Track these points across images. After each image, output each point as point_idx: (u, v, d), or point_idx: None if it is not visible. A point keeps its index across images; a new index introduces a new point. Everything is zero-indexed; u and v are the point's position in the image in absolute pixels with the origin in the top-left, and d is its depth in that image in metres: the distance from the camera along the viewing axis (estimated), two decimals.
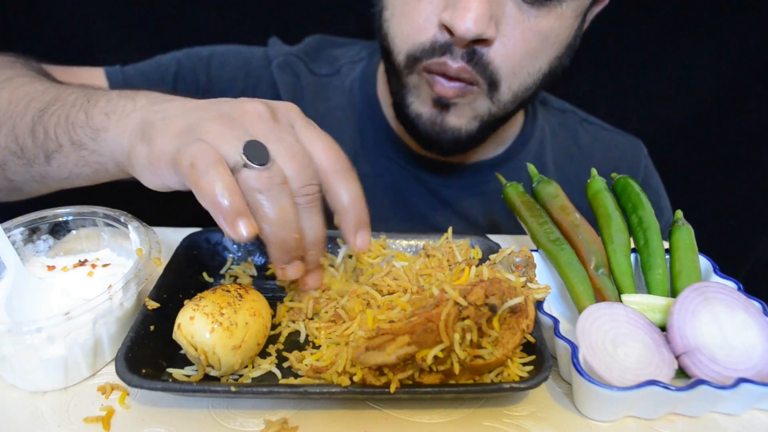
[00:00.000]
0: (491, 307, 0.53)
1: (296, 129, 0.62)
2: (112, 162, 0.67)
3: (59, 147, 0.71)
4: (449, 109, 0.90)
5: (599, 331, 0.58)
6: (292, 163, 0.58)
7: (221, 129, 0.57)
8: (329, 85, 1.14)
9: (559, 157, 1.17)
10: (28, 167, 0.75)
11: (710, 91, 1.50)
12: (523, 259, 0.65)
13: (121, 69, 1.10)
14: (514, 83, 0.88)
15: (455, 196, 1.11)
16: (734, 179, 1.58)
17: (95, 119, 0.68)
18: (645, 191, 0.76)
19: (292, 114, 0.63)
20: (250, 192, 0.56)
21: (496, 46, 0.83)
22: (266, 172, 0.56)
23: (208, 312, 0.56)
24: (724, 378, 0.56)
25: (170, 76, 1.11)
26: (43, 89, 0.78)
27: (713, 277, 0.69)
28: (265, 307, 0.62)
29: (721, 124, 1.53)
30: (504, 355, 0.54)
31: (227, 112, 0.60)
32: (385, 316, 0.60)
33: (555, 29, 0.85)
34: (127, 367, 0.53)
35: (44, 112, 0.73)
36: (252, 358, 0.60)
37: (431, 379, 0.53)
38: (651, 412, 0.56)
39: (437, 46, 0.84)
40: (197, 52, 1.15)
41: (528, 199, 0.77)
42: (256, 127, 0.59)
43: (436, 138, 0.93)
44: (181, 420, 0.55)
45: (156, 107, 0.64)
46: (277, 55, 1.14)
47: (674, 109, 1.54)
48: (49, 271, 0.66)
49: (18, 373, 0.56)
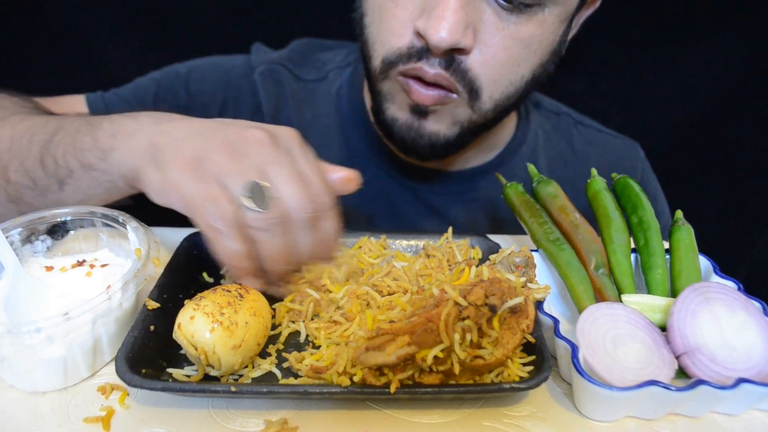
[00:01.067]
0: (491, 308, 0.53)
1: (294, 156, 0.67)
2: (121, 180, 0.71)
3: (70, 173, 0.73)
4: (427, 116, 0.88)
5: (599, 331, 0.58)
6: (292, 183, 0.63)
7: (227, 163, 0.63)
8: (316, 90, 1.12)
9: (553, 162, 1.14)
10: (42, 197, 0.77)
11: (710, 91, 1.50)
12: (523, 259, 0.65)
13: (102, 95, 1.11)
14: (495, 92, 0.86)
15: (445, 204, 1.09)
16: (734, 179, 1.58)
17: (102, 141, 0.71)
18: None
19: (291, 141, 0.68)
20: (251, 229, 0.63)
21: (474, 55, 0.81)
22: (267, 213, 0.62)
23: (209, 312, 0.56)
24: (724, 378, 0.56)
25: (150, 98, 1.11)
26: (42, 122, 0.80)
27: (713, 277, 0.69)
28: (266, 307, 0.62)
29: (721, 125, 1.53)
30: (504, 355, 0.54)
31: (231, 140, 0.65)
32: (385, 317, 0.60)
33: (536, 36, 0.83)
34: (128, 367, 0.53)
35: (50, 142, 0.75)
36: (252, 358, 0.60)
37: (431, 380, 0.53)
38: (651, 413, 0.56)
39: (413, 52, 0.82)
40: (175, 71, 1.14)
41: (528, 199, 0.77)
42: (257, 153, 0.64)
43: (411, 143, 0.91)
44: (181, 420, 0.55)
45: (161, 127, 0.69)
46: (260, 63, 1.13)
47: (674, 109, 1.54)
48: (48, 271, 0.66)
49: (17, 374, 0.56)
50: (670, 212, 1.19)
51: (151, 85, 1.12)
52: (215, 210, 0.61)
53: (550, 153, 1.15)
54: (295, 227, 0.64)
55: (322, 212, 0.65)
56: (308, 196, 0.63)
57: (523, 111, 1.15)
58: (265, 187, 0.62)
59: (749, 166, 1.56)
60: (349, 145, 1.09)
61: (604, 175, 0.80)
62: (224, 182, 0.62)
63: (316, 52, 1.18)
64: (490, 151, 1.11)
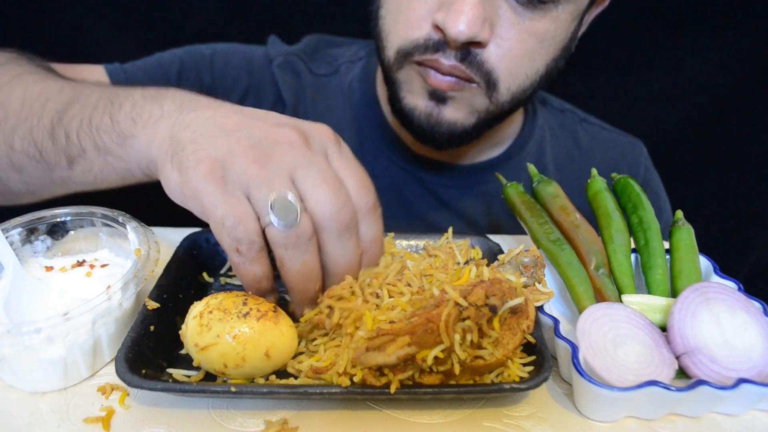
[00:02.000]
0: (492, 308, 0.52)
1: (329, 156, 0.62)
2: (138, 169, 0.67)
3: (83, 152, 0.69)
4: (446, 102, 0.89)
5: (599, 332, 0.58)
6: (324, 188, 0.58)
7: (253, 170, 0.58)
8: (328, 84, 1.14)
9: (559, 158, 1.16)
10: (48, 172, 0.73)
11: (711, 91, 1.50)
12: (531, 259, 0.64)
13: (122, 67, 1.07)
14: (512, 85, 0.88)
15: (455, 197, 1.11)
16: (734, 179, 1.58)
17: (121, 124, 0.66)
18: (645, 193, 0.76)
19: (326, 140, 0.64)
20: (276, 246, 0.59)
21: (490, 48, 0.83)
22: (295, 230, 0.57)
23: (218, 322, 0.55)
24: (725, 378, 0.56)
25: (173, 75, 1.09)
26: (58, 88, 0.75)
27: (713, 278, 0.69)
28: (283, 342, 0.57)
29: (721, 124, 1.53)
30: (504, 355, 0.54)
31: (258, 140, 0.60)
32: (385, 317, 0.60)
33: (550, 31, 0.85)
34: (127, 367, 0.53)
35: (64, 113, 0.70)
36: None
37: (431, 380, 0.53)
38: (651, 413, 0.56)
39: (430, 44, 0.83)
40: (199, 51, 1.13)
41: (528, 199, 0.77)
42: (288, 156, 0.59)
43: (430, 131, 0.93)
44: (181, 420, 0.54)
45: (185, 118, 0.63)
46: (278, 54, 1.13)
47: (674, 109, 1.54)
48: (48, 271, 0.66)
49: (17, 374, 0.56)
50: (671, 212, 1.19)
51: (175, 62, 1.10)
52: (241, 232, 0.57)
53: (556, 149, 1.17)
54: (328, 238, 0.60)
55: (362, 216, 0.62)
56: (343, 201, 0.59)
57: (530, 108, 1.17)
58: (292, 201, 0.57)
59: (750, 166, 1.56)
60: (361, 137, 1.10)
61: (608, 171, 0.80)
62: (250, 193, 0.58)
63: (326, 47, 1.19)
64: (498, 146, 1.12)
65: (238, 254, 0.59)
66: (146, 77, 1.07)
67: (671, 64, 1.50)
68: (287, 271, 0.60)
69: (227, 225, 0.57)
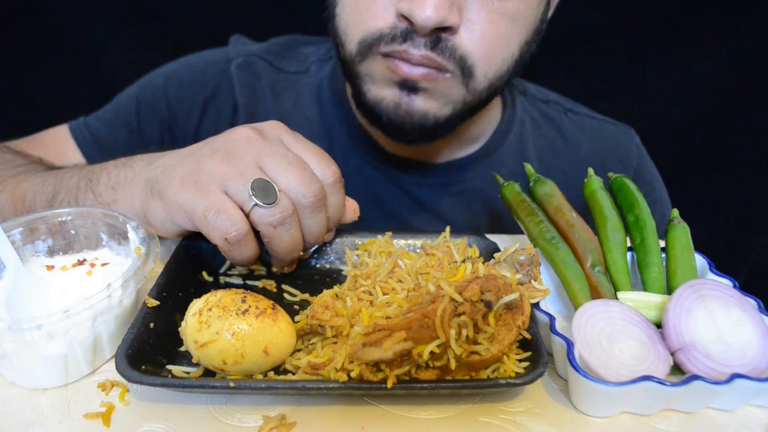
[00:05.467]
0: (487, 303, 0.53)
1: (285, 143, 0.67)
2: None
3: None
4: (417, 92, 0.85)
5: (595, 328, 0.58)
6: (290, 170, 0.64)
7: (222, 168, 0.63)
8: (299, 82, 1.12)
9: (543, 151, 1.11)
10: None
11: (710, 90, 1.51)
12: (527, 257, 0.65)
13: (84, 122, 1.11)
14: (489, 70, 0.85)
15: (431, 197, 1.07)
16: (733, 179, 1.59)
17: (103, 195, 0.74)
18: (639, 184, 0.76)
19: (279, 130, 0.69)
20: (263, 225, 0.64)
21: (461, 33, 0.80)
22: (276, 208, 0.63)
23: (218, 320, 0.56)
24: (719, 374, 0.56)
25: (132, 118, 1.11)
26: (41, 181, 0.82)
27: (709, 275, 0.69)
28: (282, 339, 0.58)
29: (721, 124, 1.53)
30: (500, 351, 0.54)
31: (220, 146, 0.66)
32: (381, 313, 0.60)
33: (521, 11, 0.83)
34: (127, 363, 0.53)
35: (53, 202, 0.78)
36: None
37: (428, 375, 0.54)
38: (646, 408, 0.57)
39: (397, 33, 0.80)
40: (152, 83, 1.14)
41: (524, 198, 0.78)
42: (250, 150, 0.65)
43: (400, 123, 0.88)
44: (180, 416, 0.55)
45: (153, 165, 0.71)
46: (238, 55, 1.12)
47: (674, 109, 1.55)
48: (49, 270, 0.67)
49: (18, 371, 0.57)
50: (671, 204, 1.18)
51: (131, 104, 1.12)
52: (227, 222, 0.62)
53: (539, 142, 1.12)
54: (303, 213, 0.66)
55: (329, 187, 0.67)
56: (310, 177, 0.64)
57: (508, 99, 1.12)
58: (269, 181, 0.63)
59: (749, 166, 1.57)
60: (331, 136, 1.09)
61: (598, 162, 0.79)
62: (226, 187, 0.63)
63: (299, 46, 1.18)
64: (474, 142, 1.08)
65: (228, 243, 0.63)
66: (108, 128, 1.11)
67: (671, 63, 1.50)
68: (276, 245, 0.66)
69: (210, 217, 0.62)
